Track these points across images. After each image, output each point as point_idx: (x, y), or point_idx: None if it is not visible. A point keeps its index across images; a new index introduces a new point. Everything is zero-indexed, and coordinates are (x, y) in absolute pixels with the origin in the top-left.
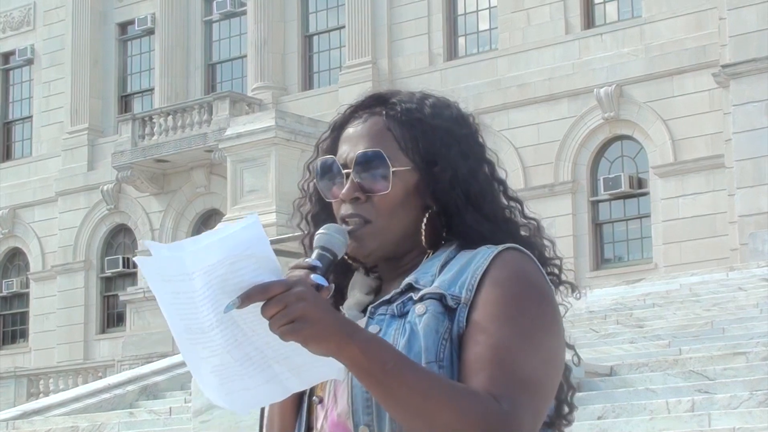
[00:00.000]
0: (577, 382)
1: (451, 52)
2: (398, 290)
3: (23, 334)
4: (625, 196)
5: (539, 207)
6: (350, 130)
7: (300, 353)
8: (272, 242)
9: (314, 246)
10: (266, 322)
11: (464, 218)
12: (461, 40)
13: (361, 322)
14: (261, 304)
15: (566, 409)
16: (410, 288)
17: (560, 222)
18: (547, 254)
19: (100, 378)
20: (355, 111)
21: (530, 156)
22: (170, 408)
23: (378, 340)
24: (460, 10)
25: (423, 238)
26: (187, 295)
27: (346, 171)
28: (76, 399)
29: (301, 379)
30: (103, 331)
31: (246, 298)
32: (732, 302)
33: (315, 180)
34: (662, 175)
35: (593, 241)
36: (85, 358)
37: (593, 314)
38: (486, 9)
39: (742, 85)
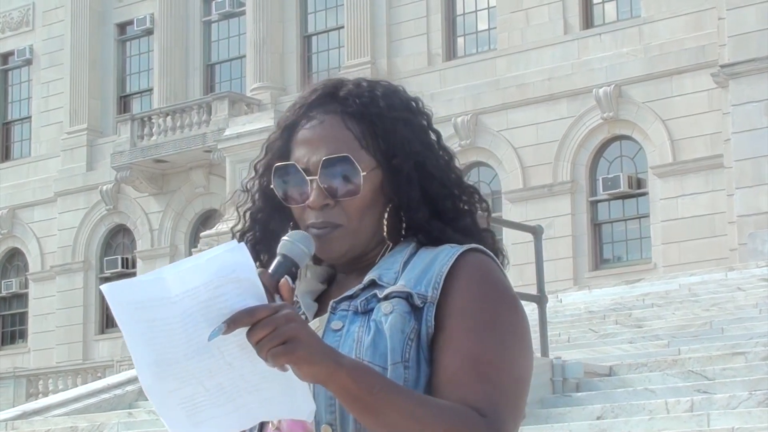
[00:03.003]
0: (576, 382)
1: (450, 53)
2: (361, 286)
3: (22, 335)
4: (624, 196)
5: (538, 207)
6: (306, 133)
7: (272, 387)
8: None
9: (277, 252)
10: (249, 350)
11: (417, 212)
12: (460, 40)
13: (323, 318)
14: (245, 330)
15: None
16: (373, 284)
17: (559, 222)
18: (499, 255)
19: (100, 378)
20: (308, 110)
21: (529, 156)
22: None
23: (362, 364)
24: (459, 10)
25: (385, 232)
26: (164, 322)
27: (310, 177)
28: (76, 399)
29: (269, 412)
30: (102, 332)
31: (232, 323)
32: (731, 302)
33: (257, 180)
34: (661, 175)
35: (592, 241)
36: (84, 358)
37: (592, 314)
38: (485, 9)
39: (741, 85)
